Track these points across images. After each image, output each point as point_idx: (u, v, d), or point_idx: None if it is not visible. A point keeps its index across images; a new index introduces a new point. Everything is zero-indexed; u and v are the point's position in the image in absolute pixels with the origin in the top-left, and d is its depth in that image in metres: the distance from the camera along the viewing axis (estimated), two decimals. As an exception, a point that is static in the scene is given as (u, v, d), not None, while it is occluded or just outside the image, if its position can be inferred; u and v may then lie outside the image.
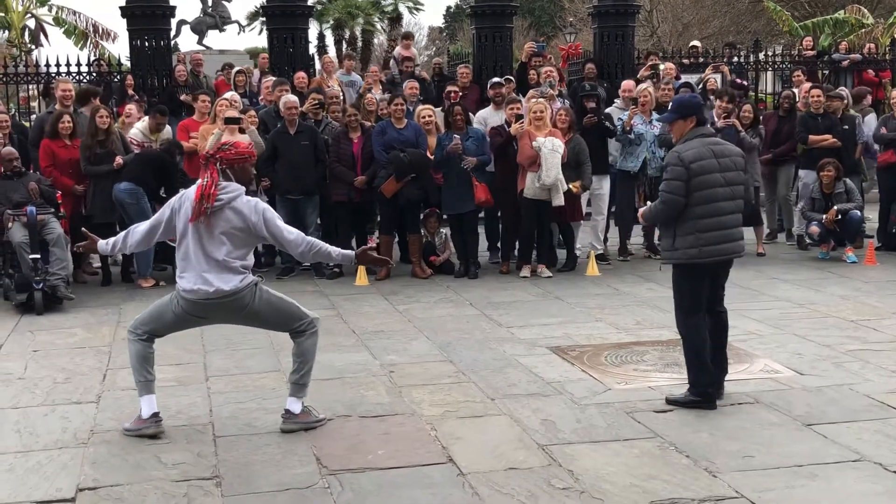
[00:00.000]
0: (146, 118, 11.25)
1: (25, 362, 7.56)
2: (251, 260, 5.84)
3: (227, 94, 11.84)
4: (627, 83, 12.42)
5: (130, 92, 13.85)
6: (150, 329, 5.91)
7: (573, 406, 6.27)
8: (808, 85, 13.75)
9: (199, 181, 5.65)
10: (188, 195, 5.70)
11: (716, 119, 11.59)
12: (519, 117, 10.64)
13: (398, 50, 15.82)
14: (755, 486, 4.94)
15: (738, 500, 4.79)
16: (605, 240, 11.82)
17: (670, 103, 6.82)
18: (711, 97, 12.91)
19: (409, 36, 17.95)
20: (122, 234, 6.06)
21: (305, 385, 5.97)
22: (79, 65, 15.37)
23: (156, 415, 5.87)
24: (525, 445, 5.59)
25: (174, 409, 6.30)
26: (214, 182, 5.59)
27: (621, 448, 5.52)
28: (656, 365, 7.19)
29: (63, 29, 24.85)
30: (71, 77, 14.71)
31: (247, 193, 5.81)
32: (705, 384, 6.18)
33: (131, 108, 11.88)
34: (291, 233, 5.79)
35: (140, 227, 5.95)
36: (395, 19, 48.28)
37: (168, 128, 11.34)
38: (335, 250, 5.92)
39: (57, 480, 5.18)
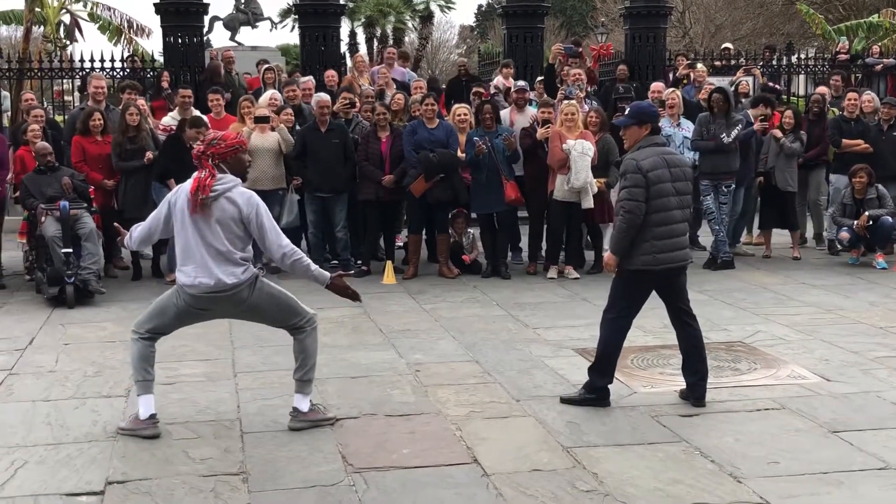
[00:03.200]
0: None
1: (57, 355, 7.65)
2: (250, 252, 5.83)
3: (268, 93, 11.93)
4: (657, 85, 12.41)
5: (165, 85, 13.94)
6: (153, 327, 5.91)
7: (598, 409, 6.27)
8: (824, 89, 13.66)
9: (196, 174, 5.69)
10: (184, 188, 5.72)
11: (753, 123, 11.54)
12: (546, 122, 10.63)
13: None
14: (780, 492, 4.93)
15: (763, 506, 4.80)
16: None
17: (627, 108, 6.82)
18: (743, 100, 12.86)
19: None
20: (132, 229, 6.11)
21: (310, 381, 5.99)
22: (112, 60, 15.51)
23: (153, 416, 5.86)
24: (550, 447, 5.60)
25: (202, 405, 6.37)
26: (211, 174, 5.63)
27: (646, 451, 5.52)
28: (683, 369, 7.17)
29: (98, 25, 25.01)
30: (104, 73, 14.84)
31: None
32: (602, 385, 6.29)
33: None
34: (279, 236, 5.74)
35: (141, 225, 6.00)
36: (427, 18, 48.32)
37: (197, 112, 11.43)
38: (313, 266, 5.89)
39: (86, 473, 5.25)
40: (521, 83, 12.06)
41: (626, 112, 6.67)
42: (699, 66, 14.59)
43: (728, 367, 7.21)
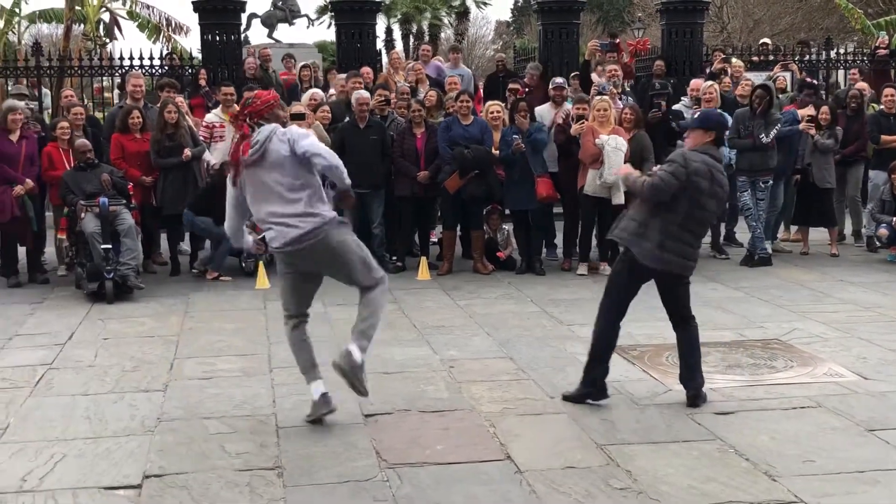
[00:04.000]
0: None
1: (96, 350, 7.75)
2: (322, 194, 5.79)
3: (310, 91, 12.02)
4: (696, 81, 12.33)
5: (202, 83, 14.05)
6: (286, 309, 6.04)
7: (633, 406, 6.27)
8: (864, 85, 13.51)
9: (232, 140, 5.77)
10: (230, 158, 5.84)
11: (798, 118, 11.44)
12: (580, 117, 10.60)
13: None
14: (815, 490, 4.91)
15: (797, 505, 4.77)
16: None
17: (698, 114, 6.79)
18: (780, 96, 12.76)
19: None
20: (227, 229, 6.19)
21: (370, 337, 5.86)
22: (151, 58, 15.65)
23: (324, 395, 5.95)
24: (583, 444, 5.60)
25: (239, 400, 6.43)
26: (245, 135, 5.70)
27: (680, 449, 5.51)
28: (718, 366, 7.14)
29: (137, 23, 25.27)
30: (143, 70, 14.98)
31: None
32: (597, 373, 6.29)
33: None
34: (317, 145, 5.72)
35: (229, 213, 6.04)
36: (463, 14, 48.35)
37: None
38: (347, 180, 5.91)
39: (124, 467, 5.32)
40: (559, 80, 12.03)
41: (697, 116, 6.71)
42: (734, 60, 14.48)
43: (764, 365, 7.17)
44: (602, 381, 6.33)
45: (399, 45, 43.60)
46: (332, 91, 12.91)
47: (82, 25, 26.42)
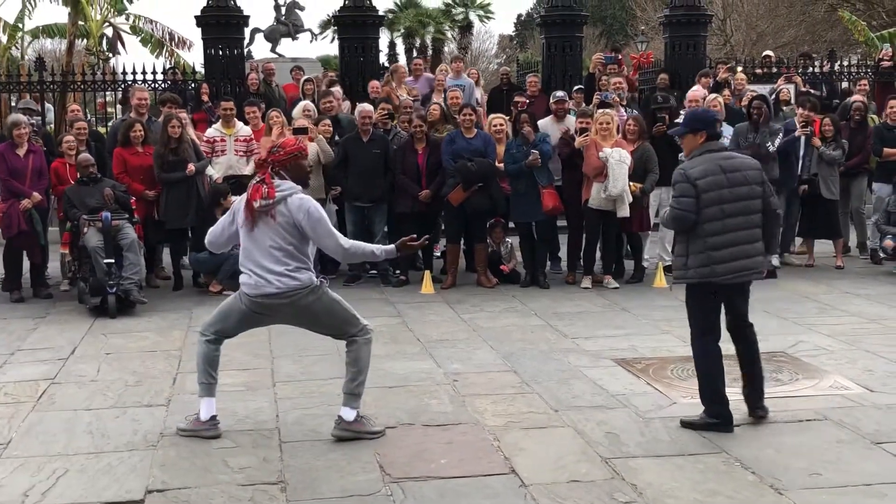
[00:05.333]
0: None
1: (98, 365, 7.73)
2: (309, 259, 5.90)
3: (302, 104, 12.01)
4: (693, 93, 12.32)
5: (205, 99, 14.07)
6: (218, 329, 6.07)
7: (638, 419, 6.23)
8: (859, 97, 13.49)
9: (254, 181, 5.83)
10: (245, 196, 5.85)
11: (797, 126, 11.43)
12: (583, 130, 10.60)
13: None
14: (822, 504, 4.88)
15: (804, 519, 4.74)
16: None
17: (682, 119, 6.64)
18: (784, 108, 12.76)
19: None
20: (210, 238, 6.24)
21: (359, 395, 6.00)
22: (154, 73, 15.66)
23: (213, 418, 6.01)
24: (588, 458, 5.57)
25: (242, 414, 6.40)
26: (267, 183, 5.74)
27: (685, 463, 5.48)
28: (723, 379, 7.10)
29: (140, 37, 25.33)
30: (146, 85, 15.00)
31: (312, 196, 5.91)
32: (718, 408, 6.01)
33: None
34: (333, 235, 5.85)
35: (213, 228, 6.15)
36: (466, 28, 48.44)
37: (241, 124, 11.55)
38: (371, 247, 6.09)
39: (127, 482, 5.29)
40: (560, 93, 12.03)
41: (682, 120, 6.56)
42: (738, 70, 14.47)
43: (770, 378, 7.10)
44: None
45: (402, 60, 43.62)
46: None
47: (85, 40, 26.46)
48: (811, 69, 17.52)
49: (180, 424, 6.09)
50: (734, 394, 6.55)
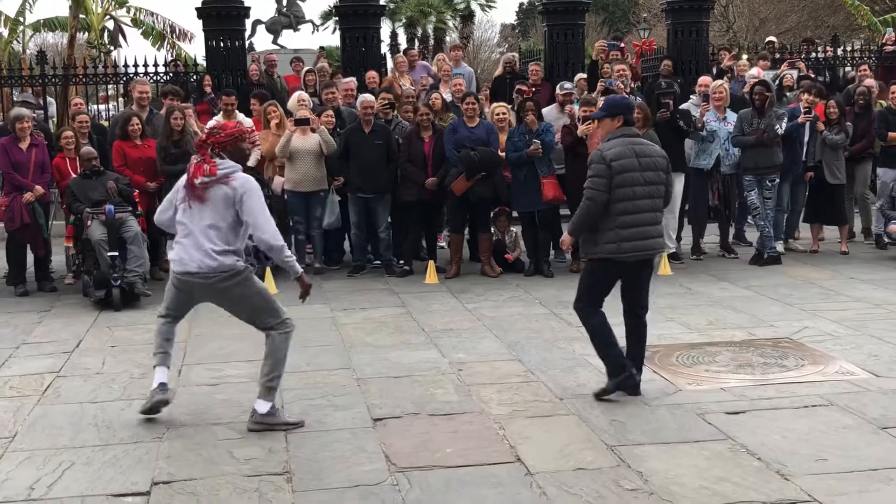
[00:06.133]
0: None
1: (103, 357, 7.74)
2: (239, 244, 5.94)
3: (297, 94, 11.98)
4: (704, 78, 12.31)
5: (208, 90, 14.06)
6: (165, 307, 6.22)
7: (643, 407, 6.23)
8: (872, 82, 13.44)
9: (194, 160, 5.93)
10: (186, 175, 5.97)
11: (801, 111, 11.40)
12: (586, 118, 10.57)
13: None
14: (828, 489, 4.86)
15: (811, 504, 4.73)
16: (678, 238, 11.69)
17: (601, 103, 7.02)
18: (788, 94, 12.71)
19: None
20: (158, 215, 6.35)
21: (274, 389, 6.02)
22: (156, 65, 15.64)
23: (162, 384, 6.14)
24: (594, 446, 5.57)
25: (247, 406, 6.37)
26: (208, 162, 5.83)
27: (691, 450, 5.47)
28: (728, 366, 7.10)
29: (141, 30, 25.26)
30: (148, 77, 14.98)
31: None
32: (621, 367, 6.35)
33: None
34: (268, 222, 5.85)
35: (162, 211, 6.25)
36: (468, 17, 48.30)
37: (242, 116, 11.54)
38: (293, 258, 6.04)
39: (133, 474, 5.30)
40: (568, 85, 11.99)
41: (600, 105, 6.95)
42: (744, 58, 14.43)
43: (775, 364, 7.13)
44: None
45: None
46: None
47: (87, 34, 26.43)
48: (814, 54, 17.46)
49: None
50: (738, 380, 6.57)
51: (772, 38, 19.44)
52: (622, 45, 16.62)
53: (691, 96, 12.33)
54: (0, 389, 6.97)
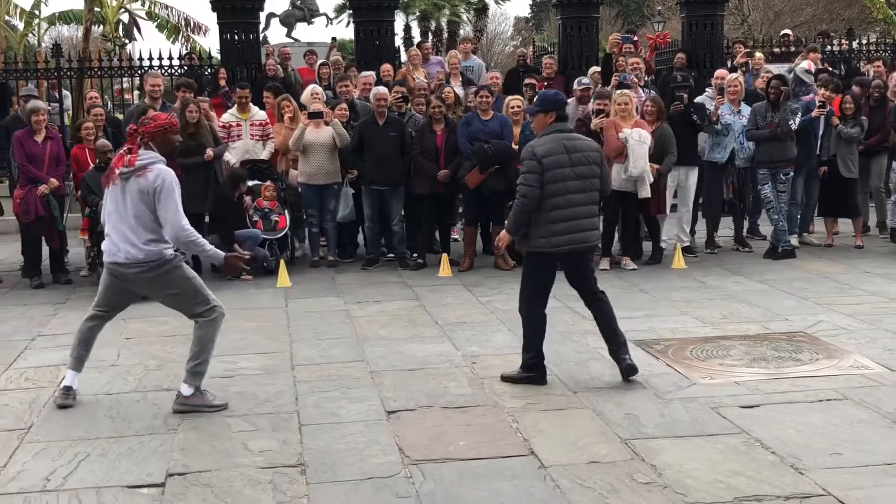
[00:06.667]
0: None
1: (118, 350, 7.76)
2: (163, 239, 6.01)
3: (310, 88, 11.99)
4: (720, 71, 12.27)
5: (222, 83, 14.09)
6: (97, 303, 6.35)
7: (657, 400, 6.22)
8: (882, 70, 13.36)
9: (121, 150, 6.04)
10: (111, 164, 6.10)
11: (816, 105, 11.35)
12: (599, 112, 10.55)
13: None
14: (843, 483, 4.85)
15: (825, 498, 4.70)
16: (693, 232, 11.67)
17: (535, 99, 7.18)
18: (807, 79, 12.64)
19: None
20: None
21: (201, 374, 6.18)
22: (171, 58, 15.68)
23: (68, 388, 6.33)
24: (607, 439, 5.56)
25: (261, 398, 6.42)
26: (132, 152, 5.91)
27: (705, 443, 5.46)
28: (743, 360, 7.08)
29: (156, 23, 25.34)
30: (163, 70, 15.02)
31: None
32: (536, 362, 6.60)
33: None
34: (178, 214, 5.91)
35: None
36: (481, 10, 48.18)
37: (256, 108, 11.55)
38: (208, 247, 6.15)
39: (147, 465, 5.32)
40: (586, 80, 11.95)
41: (534, 101, 7.10)
42: (758, 54, 14.37)
43: (789, 358, 7.11)
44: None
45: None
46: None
47: (102, 27, 26.51)
48: (829, 48, 17.38)
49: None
50: (753, 374, 6.56)
51: (787, 31, 19.33)
52: (636, 38, 16.55)
53: (707, 89, 12.30)
54: (16, 381, 7.01)
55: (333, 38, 20.63)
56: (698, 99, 11.67)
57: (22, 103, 12.61)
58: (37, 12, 26.20)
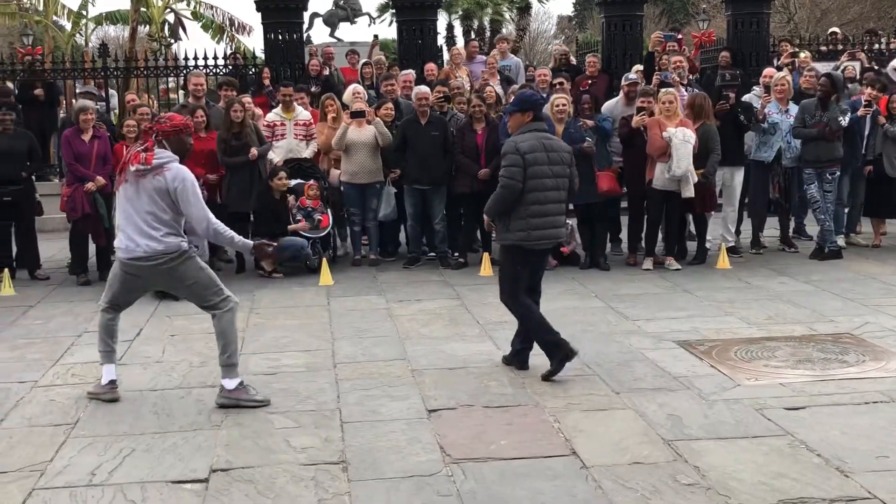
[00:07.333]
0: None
1: (163, 346, 7.84)
2: (178, 227, 6.16)
3: (351, 87, 12.03)
4: (769, 70, 12.15)
5: (266, 83, 14.17)
6: (108, 298, 6.45)
7: (700, 401, 6.17)
8: None
9: (136, 148, 6.13)
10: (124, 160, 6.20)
11: (862, 104, 11.20)
12: (641, 109, 10.49)
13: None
14: (889, 487, 4.78)
15: (871, 502, 4.64)
16: (738, 232, 11.56)
17: (513, 98, 7.46)
18: (850, 85, 12.49)
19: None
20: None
21: (235, 365, 6.31)
22: (215, 58, 15.80)
23: (112, 382, 6.44)
24: (650, 440, 5.53)
25: (303, 395, 6.45)
26: (149, 150, 6.01)
27: (750, 445, 5.41)
28: (788, 361, 7.01)
29: (201, 23, 25.58)
30: (207, 70, 15.14)
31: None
32: (559, 348, 6.67)
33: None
34: (202, 209, 6.08)
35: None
36: (524, 9, 48.01)
37: (300, 108, 11.60)
38: (237, 238, 6.34)
39: (191, 461, 5.36)
40: (632, 76, 11.89)
41: (512, 101, 7.39)
42: (802, 54, 14.21)
43: (835, 360, 7.02)
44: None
45: (460, 42, 43.48)
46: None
47: (148, 27, 26.79)
48: (877, 46, 17.15)
49: (90, 389, 6.53)
50: (798, 375, 6.49)
51: (834, 28, 19.11)
52: (680, 36, 16.44)
53: (754, 87, 12.18)
54: (63, 377, 7.10)
55: (375, 36, 20.70)
56: (745, 97, 11.55)
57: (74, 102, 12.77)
58: (84, 13, 26.54)
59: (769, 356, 7.14)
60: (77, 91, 14.59)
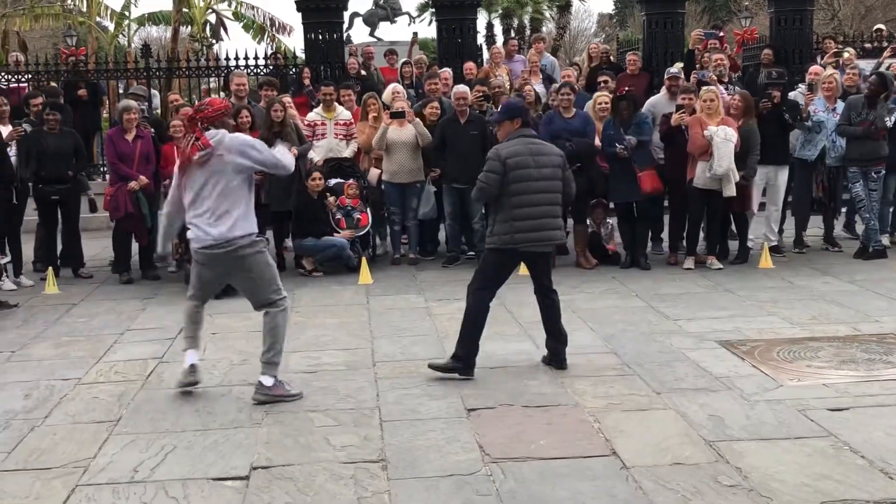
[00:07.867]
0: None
1: (204, 344, 7.86)
2: (250, 215, 6.30)
3: (391, 87, 12.04)
4: (815, 67, 12.03)
5: (306, 82, 14.24)
6: (192, 292, 6.66)
7: (742, 402, 6.11)
8: None
9: (189, 141, 6.24)
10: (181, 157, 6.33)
11: None
12: (679, 107, 10.41)
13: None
14: (936, 490, 4.71)
15: (917, 505, 4.58)
16: (781, 231, 11.44)
17: (500, 107, 7.58)
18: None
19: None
20: (162, 225, 6.84)
21: (276, 364, 6.39)
22: (256, 58, 15.90)
23: (192, 366, 6.54)
24: (691, 441, 5.49)
25: (343, 393, 6.47)
26: (200, 137, 6.14)
27: (792, 446, 5.35)
28: (831, 362, 6.92)
29: (242, 23, 25.76)
30: (248, 70, 15.24)
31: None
32: (467, 353, 6.73)
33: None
34: (265, 152, 6.35)
35: (166, 209, 6.73)
36: (565, 7, 47.86)
37: (341, 108, 11.62)
38: (288, 155, 6.63)
39: (232, 458, 5.39)
40: (674, 70, 11.81)
41: (499, 109, 7.54)
42: (846, 53, 14.03)
43: (880, 360, 6.93)
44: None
45: (500, 41, 43.43)
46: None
47: (189, 27, 27.01)
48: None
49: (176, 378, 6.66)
50: (842, 376, 6.41)
51: (880, 25, 18.87)
52: (721, 33, 16.32)
53: (799, 85, 12.06)
54: (106, 374, 7.18)
55: (415, 34, 20.72)
56: (790, 95, 11.43)
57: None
58: (127, 13, 26.81)
59: (812, 356, 7.06)
60: (129, 91, 14.73)
